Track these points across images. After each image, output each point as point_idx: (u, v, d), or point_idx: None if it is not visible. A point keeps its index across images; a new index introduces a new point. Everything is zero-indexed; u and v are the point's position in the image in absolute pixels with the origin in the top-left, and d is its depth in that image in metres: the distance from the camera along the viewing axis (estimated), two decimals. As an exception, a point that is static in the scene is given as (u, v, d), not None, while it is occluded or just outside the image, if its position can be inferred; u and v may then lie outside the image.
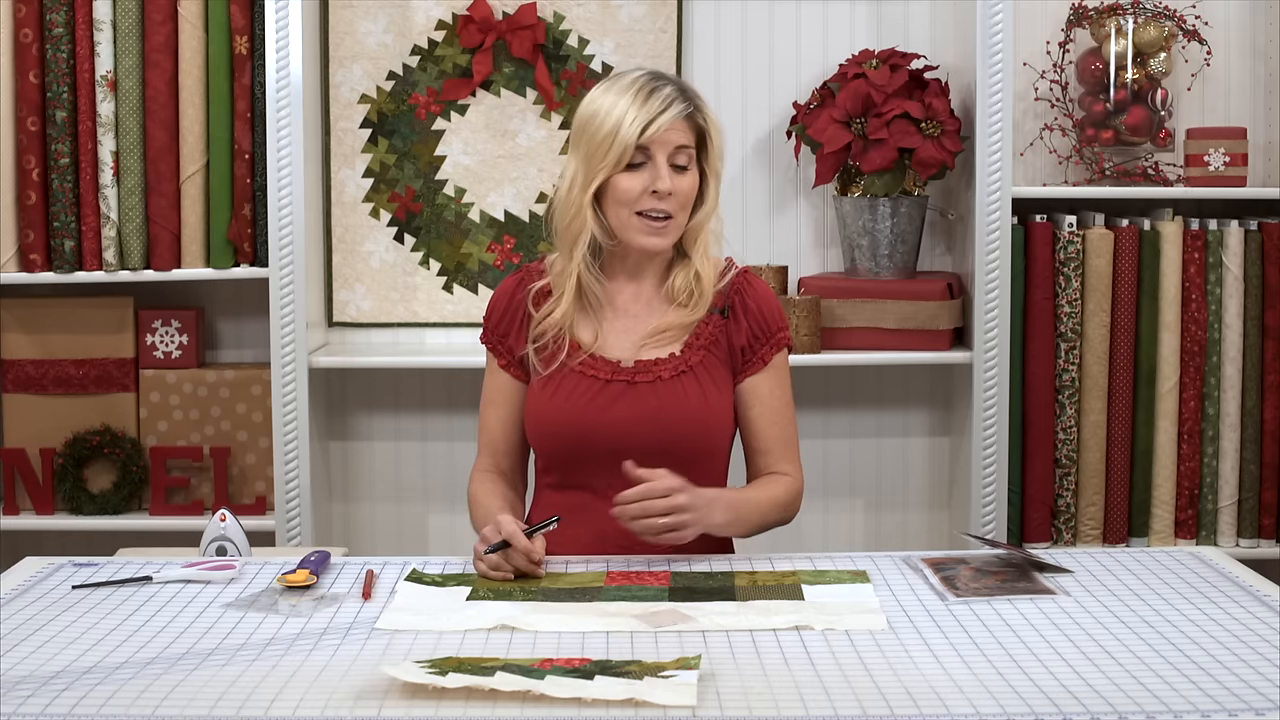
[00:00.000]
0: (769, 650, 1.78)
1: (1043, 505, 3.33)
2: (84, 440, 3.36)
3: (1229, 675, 1.67)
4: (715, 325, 2.34)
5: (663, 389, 2.29)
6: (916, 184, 3.31)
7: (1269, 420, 3.31)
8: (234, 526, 2.35)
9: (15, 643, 1.83)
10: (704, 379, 2.31)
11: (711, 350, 2.33)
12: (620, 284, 2.36)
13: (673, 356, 2.32)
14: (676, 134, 2.26)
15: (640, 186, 2.25)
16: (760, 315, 2.35)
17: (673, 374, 2.30)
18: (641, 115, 2.23)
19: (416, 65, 3.45)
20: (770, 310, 2.37)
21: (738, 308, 2.35)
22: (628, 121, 2.23)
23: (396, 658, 1.77)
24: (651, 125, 2.23)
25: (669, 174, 2.25)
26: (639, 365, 2.31)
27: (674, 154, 2.26)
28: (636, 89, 2.26)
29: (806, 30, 3.46)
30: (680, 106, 2.25)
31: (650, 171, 2.25)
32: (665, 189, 2.24)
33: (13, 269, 3.30)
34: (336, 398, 3.52)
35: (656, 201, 2.25)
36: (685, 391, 2.30)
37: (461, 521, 3.52)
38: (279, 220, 3.23)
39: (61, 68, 3.25)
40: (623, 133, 2.23)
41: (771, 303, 2.38)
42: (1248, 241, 3.28)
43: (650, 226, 2.27)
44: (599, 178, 2.25)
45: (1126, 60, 3.32)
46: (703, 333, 2.33)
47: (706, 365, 2.32)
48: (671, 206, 2.26)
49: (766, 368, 2.35)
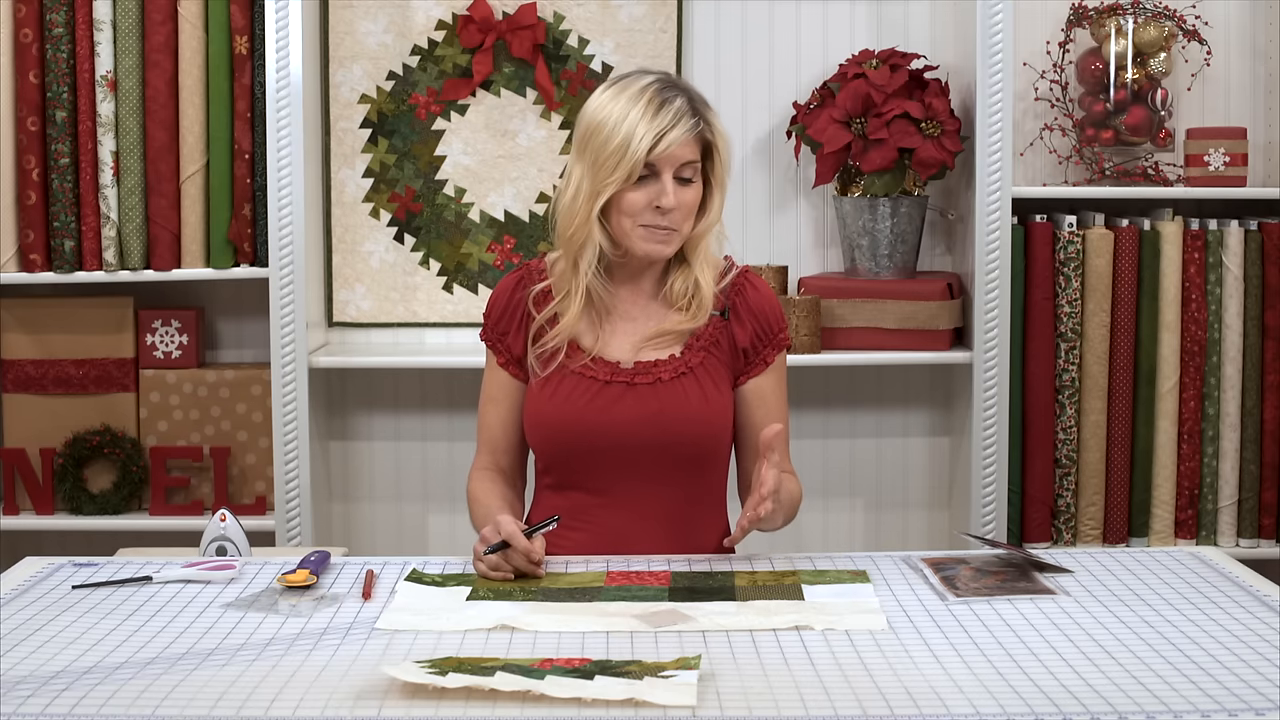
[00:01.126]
0: (769, 650, 1.78)
1: (1043, 505, 3.33)
2: (84, 440, 3.36)
3: (1229, 675, 1.67)
4: (715, 326, 2.33)
5: (663, 390, 2.29)
6: (916, 184, 3.31)
7: (1269, 420, 3.31)
8: (234, 526, 2.35)
9: (15, 643, 1.83)
10: (704, 380, 2.31)
11: (712, 351, 2.33)
12: (620, 287, 2.36)
13: (673, 358, 2.31)
14: (684, 150, 2.24)
15: (645, 201, 2.24)
16: (762, 316, 2.35)
17: (673, 375, 2.30)
18: (651, 131, 2.21)
19: (416, 65, 3.45)
20: (771, 311, 2.37)
21: (739, 309, 2.35)
22: (637, 137, 2.20)
23: (396, 658, 1.77)
24: (661, 143, 2.21)
25: (674, 188, 2.24)
26: (639, 366, 2.30)
27: (680, 169, 2.24)
28: (646, 100, 2.22)
29: (806, 30, 3.46)
30: (690, 123, 2.23)
31: (656, 186, 2.24)
32: (669, 205, 2.23)
33: (13, 269, 3.30)
34: (336, 398, 3.52)
35: (659, 217, 2.24)
36: (686, 392, 2.29)
37: (461, 521, 3.53)
38: (279, 220, 3.23)
39: (61, 68, 3.25)
40: (631, 149, 2.21)
41: (772, 303, 2.38)
42: (1248, 241, 3.28)
43: (654, 235, 2.26)
44: (606, 192, 2.24)
45: (1126, 60, 3.32)
46: (703, 334, 2.33)
47: (707, 366, 2.32)
48: (675, 220, 2.25)
49: (769, 369, 2.36)
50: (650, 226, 2.25)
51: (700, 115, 2.26)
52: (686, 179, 2.25)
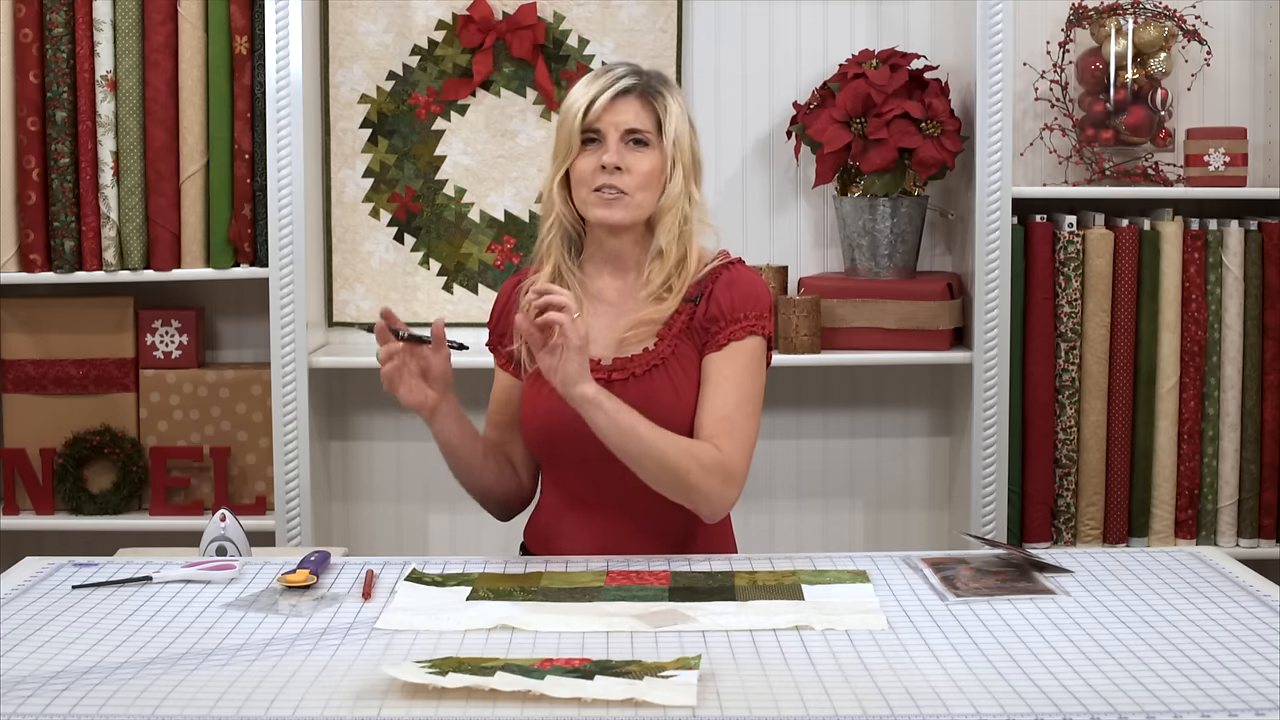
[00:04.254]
0: (769, 650, 1.78)
1: (1043, 505, 3.33)
2: (84, 440, 3.36)
3: (1229, 675, 1.67)
4: (687, 314, 2.32)
5: (636, 386, 2.28)
6: (916, 184, 3.31)
7: (1269, 420, 3.31)
8: (234, 526, 2.35)
9: (15, 643, 1.83)
10: (675, 371, 2.30)
11: (683, 338, 2.31)
12: (602, 276, 2.37)
13: (646, 351, 2.31)
14: (627, 115, 2.29)
15: (592, 165, 2.29)
16: (728, 300, 2.30)
17: (645, 369, 2.30)
18: (588, 95, 2.30)
19: (416, 65, 3.45)
20: (741, 296, 2.31)
21: (709, 294, 2.32)
22: (576, 104, 2.30)
23: (396, 658, 1.77)
24: (595, 103, 2.29)
25: (620, 149, 2.28)
26: (616, 363, 2.32)
27: (627, 134, 2.29)
28: (592, 76, 2.34)
29: (806, 30, 3.46)
30: (626, 82, 2.30)
31: (602, 149, 2.29)
32: (611, 162, 2.27)
33: (13, 269, 3.30)
34: (336, 398, 3.52)
35: (607, 177, 2.28)
36: (657, 386, 2.29)
37: (461, 521, 3.53)
38: (279, 220, 3.23)
39: (61, 68, 3.25)
40: (571, 113, 2.30)
41: (746, 289, 2.32)
42: (1248, 241, 3.28)
43: (601, 199, 2.29)
44: (562, 164, 2.31)
45: (1126, 60, 3.32)
46: (675, 322, 2.32)
47: (678, 355, 2.30)
48: (626, 184, 2.28)
49: (726, 349, 2.29)
50: (598, 190, 2.29)
51: (644, 80, 2.32)
52: (639, 142, 2.30)
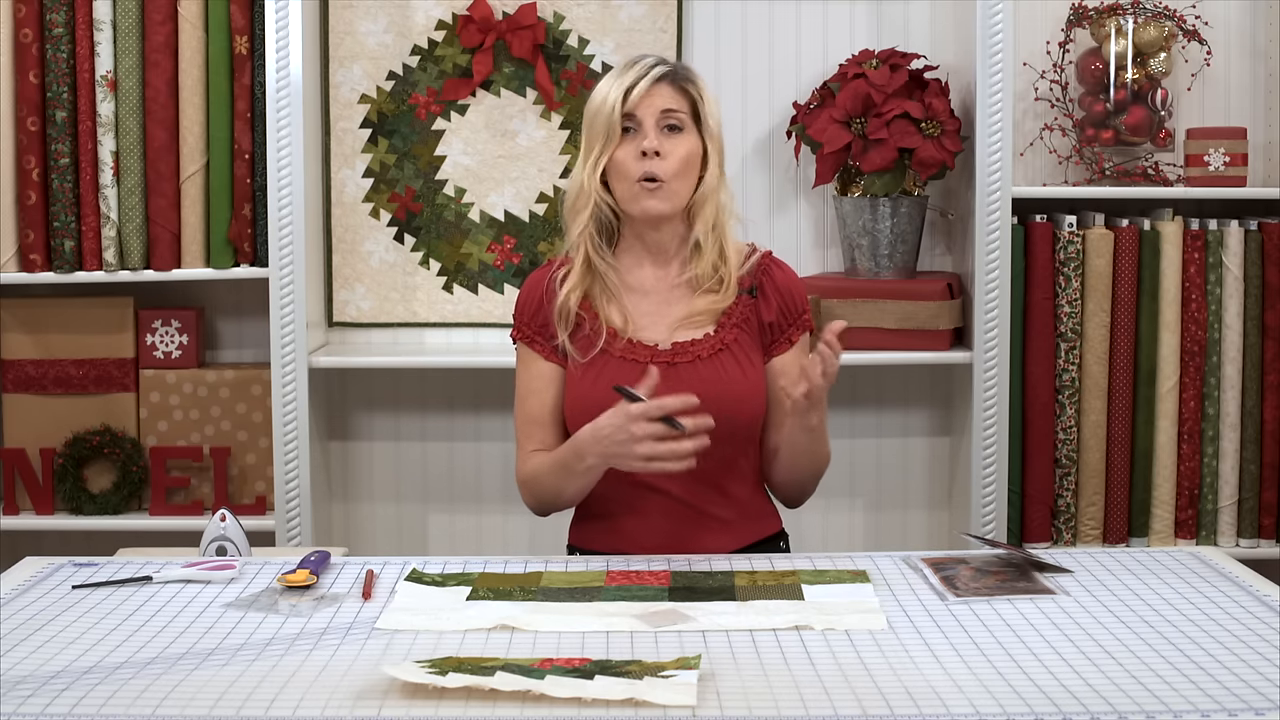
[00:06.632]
0: (769, 650, 1.78)
1: (1043, 505, 3.33)
2: (84, 440, 3.36)
3: (1229, 675, 1.67)
4: (745, 305, 2.39)
5: (703, 368, 2.33)
6: (916, 184, 3.31)
7: (1269, 420, 3.31)
8: (234, 526, 2.35)
9: (15, 643, 1.84)
10: (740, 357, 2.36)
11: (743, 329, 2.38)
12: (642, 267, 2.40)
13: (708, 337, 2.36)
14: (661, 98, 2.33)
15: (633, 153, 2.32)
16: (788, 294, 2.42)
17: (711, 353, 2.35)
18: (623, 84, 2.33)
19: (416, 65, 3.45)
20: (797, 291, 2.44)
21: (765, 287, 2.40)
22: (612, 94, 2.33)
23: (396, 658, 1.77)
24: (633, 91, 2.32)
25: (658, 135, 2.31)
26: (676, 347, 2.35)
27: (662, 117, 2.32)
28: (622, 68, 2.37)
29: (806, 30, 3.46)
30: (659, 70, 2.34)
31: (641, 136, 2.32)
32: (651, 147, 2.30)
33: (13, 269, 3.30)
34: (336, 398, 3.52)
35: (648, 164, 2.30)
36: (725, 370, 2.34)
37: (461, 521, 3.53)
38: (279, 220, 3.23)
39: (61, 68, 3.25)
40: (608, 103, 2.33)
41: (797, 284, 2.45)
42: (1248, 241, 3.28)
43: (645, 190, 2.32)
44: (601, 155, 2.33)
45: (1126, 60, 3.32)
46: (733, 312, 2.38)
47: (740, 343, 2.37)
48: (664, 170, 2.31)
49: (794, 347, 2.41)
50: (641, 181, 2.31)
51: (675, 67, 2.36)
52: (674, 126, 2.33)
